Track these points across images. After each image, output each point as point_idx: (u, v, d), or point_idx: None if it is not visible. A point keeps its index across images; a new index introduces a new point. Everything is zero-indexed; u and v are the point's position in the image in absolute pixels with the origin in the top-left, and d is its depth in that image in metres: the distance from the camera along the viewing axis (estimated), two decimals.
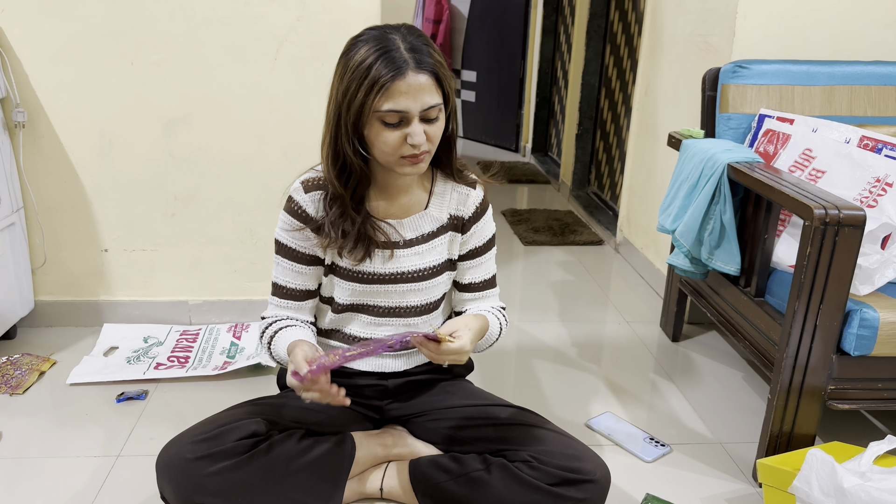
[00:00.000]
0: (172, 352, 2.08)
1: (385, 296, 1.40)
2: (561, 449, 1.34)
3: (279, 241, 1.37)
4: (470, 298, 1.50)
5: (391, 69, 1.17)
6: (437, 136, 1.26)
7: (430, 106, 1.21)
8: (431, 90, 1.21)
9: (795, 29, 2.10)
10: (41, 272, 2.18)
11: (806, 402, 1.56)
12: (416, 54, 1.19)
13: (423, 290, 1.41)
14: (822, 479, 1.33)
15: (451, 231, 1.42)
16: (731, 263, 1.78)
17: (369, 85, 1.18)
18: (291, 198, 1.34)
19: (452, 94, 1.27)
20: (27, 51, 1.98)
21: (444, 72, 1.23)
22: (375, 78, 1.17)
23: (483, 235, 1.46)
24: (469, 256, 1.46)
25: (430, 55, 1.21)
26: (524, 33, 4.80)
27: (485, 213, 1.45)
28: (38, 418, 1.77)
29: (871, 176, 1.65)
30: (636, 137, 2.91)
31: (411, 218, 1.38)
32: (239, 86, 2.06)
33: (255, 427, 1.32)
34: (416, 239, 1.39)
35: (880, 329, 1.48)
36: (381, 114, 1.19)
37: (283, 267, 1.38)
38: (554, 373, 2.08)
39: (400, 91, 1.18)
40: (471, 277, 1.48)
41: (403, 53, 1.19)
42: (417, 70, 1.19)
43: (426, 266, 1.40)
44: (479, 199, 1.43)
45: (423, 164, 1.26)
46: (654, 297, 2.63)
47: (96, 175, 2.10)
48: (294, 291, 1.39)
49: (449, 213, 1.41)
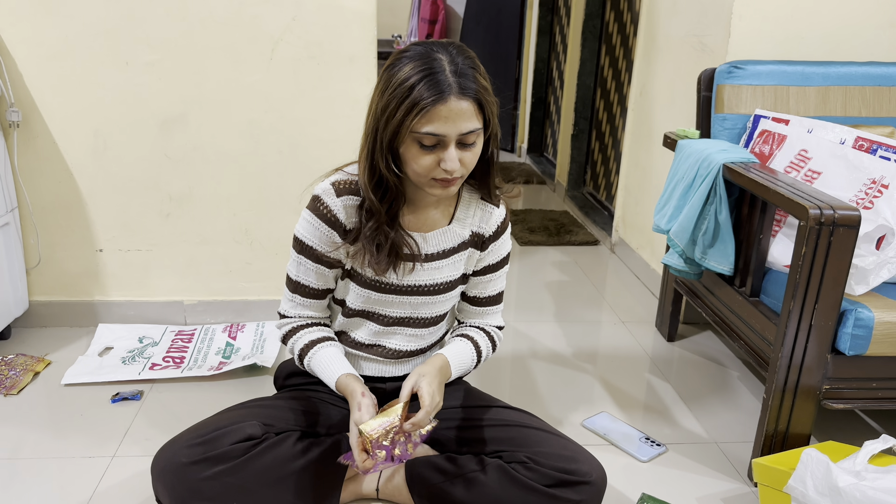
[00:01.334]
0: (168, 352, 2.07)
1: (398, 306, 1.39)
2: (557, 450, 1.34)
3: (301, 241, 1.33)
4: (470, 311, 1.50)
5: (434, 92, 1.14)
6: (472, 162, 1.23)
7: (468, 131, 1.18)
8: (472, 116, 1.18)
9: (790, 29, 2.10)
10: (36, 272, 2.17)
11: (801, 401, 1.56)
12: (461, 79, 1.16)
13: (435, 303, 1.40)
14: (817, 478, 1.34)
15: (470, 248, 1.40)
16: (725, 264, 1.79)
17: (410, 105, 1.15)
18: (320, 199, 1.30)
19: (494, 118, 1.23)
20: (22, 50, 1.97)
21: (488, 97, 1.20)
22: (416, 100, 1.14)
23: (499, 254, 1.45)
24: (482, 272, 1.45)
25: (475, 80, 1.18)
26: (520, 33, 4.80)
27: (504, 232, 1.43)
28: (32, 419, 1.76)
29: (866, 177, 1.66)
30: (632, 138, 2.91)
31: (434, 233, 1.36)
32: (234, 86, 2.05)
33: (250, 430, 1.31)
34: (438, 254, 1.37)
35: (875, 329, 1.49)
36: (418, 135, 1.17)
37: (306, 267, 1.35)
38: (549, 373, 2.08)
39: (440, 115, 1.15)
40: (478, 292, 1.47)
41: (448, 77, 1.15)
42: (460, 96, 1.15)
43: (442, 281, 1.39)
44: (502, 217, 1.41)
45: (453, 187, 1.24)
46: (649, 298, 2.64)
47: (91, 175, 2.10)
48: (315, 291, 1.38)
49: (471, 230, 1.39)
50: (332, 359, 1.36)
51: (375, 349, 1.43)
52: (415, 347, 1.45)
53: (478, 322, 1.50)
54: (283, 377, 1.55)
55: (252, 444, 1.30)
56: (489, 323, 1.50)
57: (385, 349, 1.44)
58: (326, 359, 1.36)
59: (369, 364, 1.46)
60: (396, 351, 1.44)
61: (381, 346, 1.43)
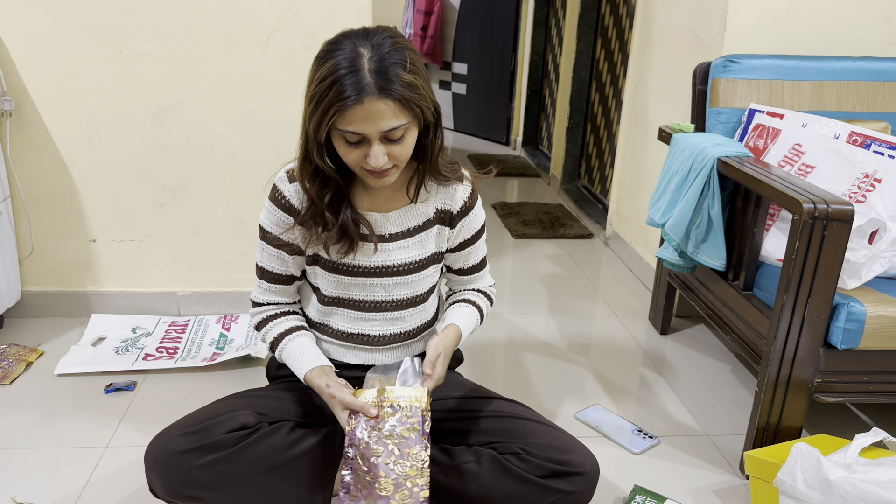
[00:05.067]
0: (161, 342, 2.07)
1: (370, 289, 1.40)
2: (550, 441, 1.34)
3: (262, 228, 1.37)
4: (460, 281, 1.52)
5: (351, 92, 1.14)
6: (403, 153, 1.23)
7: (389, 128, 1.18)
8: (392, 115, 1.17)
9: (786, 24, 2.10)
10: (28, 262, 2.17)
11: (793, 394, 1.57)
12: (381, 78, 1.15)
13: (410, 283, 1.41)
14: (807, 471, 1.35)
15: (437, 225, 1.41)
16: (717, 258, 1.79)
17: (328, 104, 1.16)
18: (276, 187, 1.34)
19: (427, 109, 1.22)
20: (15, 39, 1.96)
21: (413, 93, 1.18)
22: (333, 100, 1.15)
23: (472, 228, 1.45)
24: (459, 248, 1.46)
25: (398, 77, 1.16)
26: (515, 26, 4.79)
27: (473, 208, 1.44)
28: (25, 409, 1.76)
29: (859, 171, 1.66)
30: (626, 131, 2.91)
31: (397, 212, 1.37)
32: (228, 76, 2.04)
33: (244, 419, 1.31)
34: (402, 233, 1.38)
35: (867, 323, 1.49)
36: (340, 132, 1.18)
37: (268, 253, 1.38)
38: (543, 365, 2.09)
39: (357, 116, 1.15)
40: (461, 264, 1.49)
41: (366, 76, 1.14)
42: (378, 96, 1.15)
43: (412, 260, 1.39)
44: (467, 193, 1.42)
45: (389, 177, 1.25)
46: (642, 291, 2.64)
47: (84, 165, 2.09)
48: (280, 276, 1.40)
49: (436, 207, 1.40)
50: (302, 350, 1.39)
51: (359, 338, 1.44)
52: (399, 331, 1.45)
53: (469, 287, 1.53)
54: (276, 368, 1.55)
55: (246, 433, 1.30)
56: (481, 286, 1.53)
57: (368, 336, 1.44)
58: (297, 351, 1.39)
59: (357, 353, 1.46)
60: (381, 337, 1.44)
61: (365, 335, 1.44)
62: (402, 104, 1.17)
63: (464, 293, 1.52)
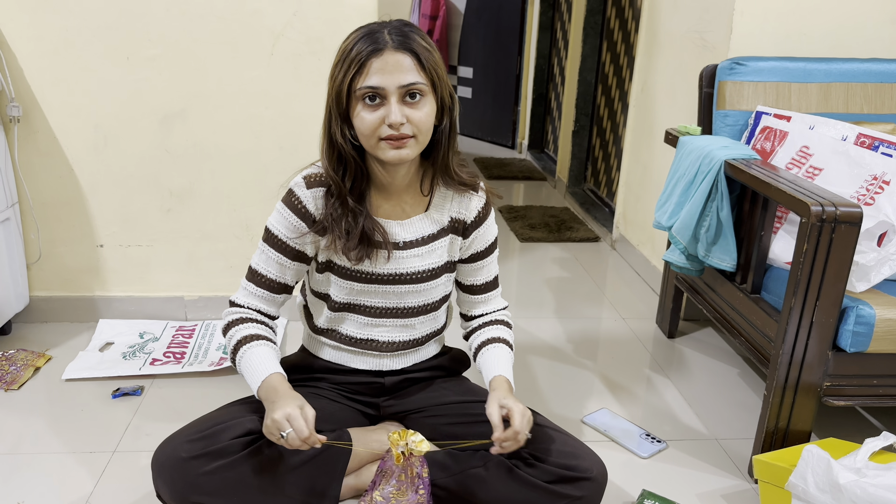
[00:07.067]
0: (168, 347, 2.07)
1: (383, 296, 1.39)
2: (558, 446, 1.34)
3: (270, 231, 1.35)
4: (472, 300, 1.51)
5: (369, 46, 1.19)
6: (423, 122, 1.23)
7: (408, 83, 1.20)
8: (411, 69, 1.21)
9: (792, 26, 2.10)
10: (36, 267, 2.17)
11: (801, 398, 1.56)
12: (399, 37, 1.21)
13: (422, 291, 1.41)
14: (817, 475, 1.34)
15: (451, 234, 1.41)
16: (728, 260, 1.79)
17: (348, 64, 1.20)
18: (292, 191, 1.33)
19: (444, 87, 1.26)
20: (22, 45, 1.97)
21: (430, 56, 1.23)
22: (354, 56, 1.20)
23: (486, 240, 1.45)
24: (471, 260, 1.45)
25: (415, 41, 1.22)
26: (520, 29, 4.80)
27: (487, 218, 1.44)
28: (33, 414, 1.76)
29: (868, 174, 1.66)
30: (633, 134, 2.90)
31: (411, 220, 1.37)
32: (235, 81, 2.05)
33: (250, 425, 1.31)
34: (416, 241, 1.38)
35: (876, 326, 1.49)
36: (361, 91, 1.20)
37: (268, 256, 1.36)
38: (550, 369, 2.09)
39: (375, 68, 1.19)
40: (473, 280, 1.48)
41: (385, 35, 1.21)
42: (396, 49, 1.20)
43: (425, 268, 1.39)
44: (482, 204, 1.42)
45: (406, 149, 1.23)
46: (649, 294, 2.64)
47: (91, 170, 2.09)
48: (272, 282, 1.38)
49: (450, 216, 1.40)
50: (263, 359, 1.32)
51: (368, 343, 1.44)
52: (408, 338, 1.45)
53: (482, 310, 1.51)
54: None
55: (252, 439, 1.30)
56: (494, 308, 1.51)
57: (378, 343, 1.44)
58: (257, 358, 1.32)
59: (365, 359, 1.46)
60: (390, 343, 1.44)
61: (374, 340, 1.43)
62: (420, 63, 1.22)
63: (487, 329, 1.48)
